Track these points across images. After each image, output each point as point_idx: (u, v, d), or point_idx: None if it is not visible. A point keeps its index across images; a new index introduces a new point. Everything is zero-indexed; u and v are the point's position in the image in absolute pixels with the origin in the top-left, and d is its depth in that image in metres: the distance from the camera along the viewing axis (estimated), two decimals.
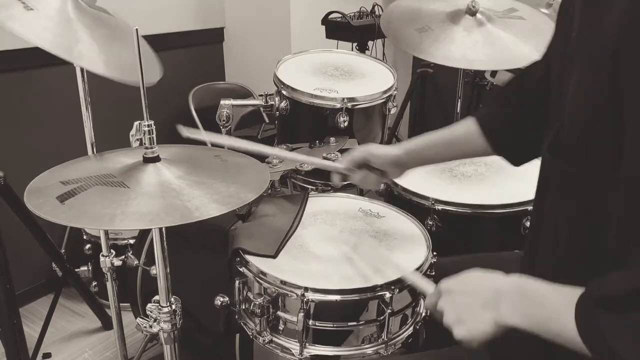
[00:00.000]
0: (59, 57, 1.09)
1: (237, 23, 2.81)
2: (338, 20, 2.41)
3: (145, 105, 0.99)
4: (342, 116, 1.58)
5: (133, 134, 1.15)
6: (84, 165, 1.09)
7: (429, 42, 1.69)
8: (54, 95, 2.12)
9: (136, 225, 0.88)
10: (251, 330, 1.16)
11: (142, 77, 0.97)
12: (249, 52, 2.81)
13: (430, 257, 1.18)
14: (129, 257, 1.53)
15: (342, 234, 1.26)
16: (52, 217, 0.86)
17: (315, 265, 1.14)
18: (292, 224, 1.27)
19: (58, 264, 1.88)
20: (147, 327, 1.11)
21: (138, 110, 0.98)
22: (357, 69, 1.82)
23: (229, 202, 0.95)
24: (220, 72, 2.91)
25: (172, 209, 0.90)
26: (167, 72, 1.30)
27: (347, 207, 1.39)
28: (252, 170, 1.13)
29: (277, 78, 1.67)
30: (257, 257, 1.15)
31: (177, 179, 0.98)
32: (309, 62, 1.82)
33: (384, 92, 1.66)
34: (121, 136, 1.24)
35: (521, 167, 1.63)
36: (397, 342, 1.14)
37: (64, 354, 1.95)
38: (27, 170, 1.08)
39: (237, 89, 2.76)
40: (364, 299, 1.07)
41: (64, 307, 2.18)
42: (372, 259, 1.15)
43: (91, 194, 0.93)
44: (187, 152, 1.16)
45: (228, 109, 1.64)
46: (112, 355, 1.93)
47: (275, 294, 1.10)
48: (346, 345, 1.11)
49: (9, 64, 1.98)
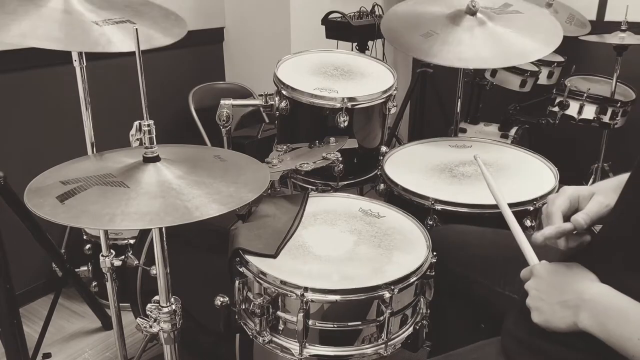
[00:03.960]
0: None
1: (237, 23, 2.81)
2: (338, 20, 2.41)
3: (145, 105, 0.99)
4: (342, 116, 1.58)
5: (133, 134, 1.15)
6: (84, 165, 1.09)
7: (438, 47, 1.68)
8: (54, 95, 2.12)
9: (136, 225, 0.88)
10: (251, 330, 1.16)
11: (142, 77, 0.97)
12: (249, 52, 2.81)
13: (430, 257, 1.18)
14: (129, 257, 1.53)
15: (342, 234, 1.26)
16: (52, 217, 0.86)
17: (315, 265, 1.14)
18: (292, 224, 1.27)
19: (58, 264, 1.88)
20: (147, 327, 1.11)
21: (138, 110, 0.98)
22: (357, 69, 1.82)
23: (229, 202, 0.95)
24: (220, 72, 2.91)
25: (172, 209, 0.90)
26: (167, 72, 1.29)
27: (347, 207, 1.39)
28: (252, 170, 1.13)
29: (277, 78, 1.67)
30: (257, 257, 1.15)
31: (177, 179, 0.98)
32: (309, 62, 1.82)
33: (384, 92, 1.66)
34: (121, 136, 1.24)
35: (521, 167, 1.64)
36: (396, 342, 1.14)
37: (64, 354, 1.95)
38: (27, 170, 1.08)
39: (237, 89, 2.76)
40: (363, 299, 1.07)
41: (64, 307, 2.18)
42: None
43: (91, 194, 0.93)
44: (187, 152, 1.16)
45: (228, 109, 1.64)
46: (112, 355, 1.93)
47: (275, 294, 1.10)
48: (346, 345, 1.11)
49: (9, 64, 1.98)
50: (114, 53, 1.19)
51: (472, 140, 1.86)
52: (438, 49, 1.67)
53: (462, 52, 1.67)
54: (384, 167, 1.62)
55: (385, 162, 1.65)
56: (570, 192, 0.90)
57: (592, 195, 0.89)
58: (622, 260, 0.78)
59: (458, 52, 1.67)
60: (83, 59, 1.34)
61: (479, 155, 1.17)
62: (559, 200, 0.90)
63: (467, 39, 1.69)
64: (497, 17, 1.77)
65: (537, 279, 0.87)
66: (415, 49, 1.71)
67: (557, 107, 2.46)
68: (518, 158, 1.71)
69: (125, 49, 1.19)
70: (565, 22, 2.47)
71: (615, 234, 0.82)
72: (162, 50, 1.34)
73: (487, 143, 1.84)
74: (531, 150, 1.74)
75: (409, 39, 1.73)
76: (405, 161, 1.68)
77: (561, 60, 2.61)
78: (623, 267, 0.77)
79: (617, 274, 0.77)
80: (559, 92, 2.47)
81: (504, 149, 1.79)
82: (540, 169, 1.63)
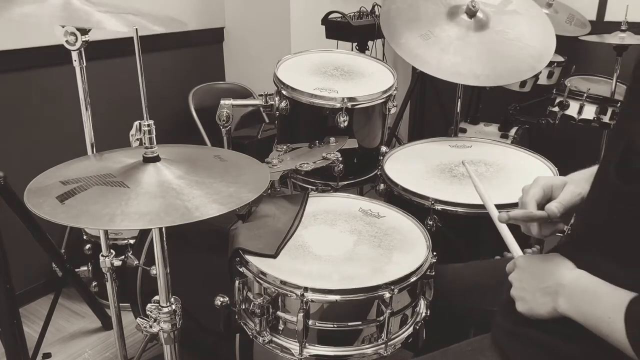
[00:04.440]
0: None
1: (237, 23, 2.81)
2: (338, 20, 2.41)
3: (145, 105, 0.99)
4: (342, 116, 1.58)
5: (133, 134, 1.15)
6: (84, 165, 1.09)
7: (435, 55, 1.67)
8: (54, 95, 2.12)
9: (136, 225, 0.88)
10: (251, 330, 1.16)
11: (142, 77, 0.97)
12: (249, 52, 2.81)
13: (430, 257, 1.18)
14: (129, 257, 1.53)
15: (342, 234, 1.26)
16: (52, 217, 0.86)
17: (315, 265, 1.14)
18: (292, 224, 1.27)
19: (58, 264, 1.88)
20: (147, 327, 1.11)
21: (138, 110, 0.98)
22: (357, 68, 1.82)
23: (229, 202, 0.95)
24: (220, 72, 2.91)
25: (172, 209, 0.90)
26: (167, 72, 1.30)
27: (347, 207, 1.39)
28: (252, 170, 1.12)
29: (277, 78, 1.67)
30: (257, 257, 1.15)
31: (177, 179, 0.98)
32: (309, 62, 1.82)
33: (384, 92, 1.66)
34: (121, 136, 1.24)
35: (521, 167, 1.64)
36: (396, 342, 1.14)
37: (64, 354, 1.95)
38: (27, 170, 1.08)
39: (237, 89, 2.76)
40: (363, 299, 1.07)
41: (64, 307, 2.18)
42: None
43: (91, 194, 0.93)
44: (187, 152, 1.16)
45: (228, 109, 1.64)
46: (112, 355, 1.93)
47: (275, 294, 1.10)
48: (346, 345, 1.11)
49: (9, 64, 1.98)
50: (114, 53, 1.18)
51: (472, 140, 1.85)
52: (434, 57, 1.67)
53: (458, 64, 1.66)
54: (384, 167, 1.62)
55: (385, 162, 1.65)
56: (544, 182, 0.94)
57: (565, 184, 0.93)
58: (597, 248, 0.80)
59: (455, 63, 1.66)
60: (83, 59, 1.34)
61: (466, 161, 1.18)
62: (533, 190, 0.94)
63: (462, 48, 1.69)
64: (496, 19, 1.77)
65: (519, 270, 0.90)
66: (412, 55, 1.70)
67: (557, 107, 2.46)
68: (518, 158, 1.71)
69: (126, 31, 1.18)
70: (565, 22, 2.47)
71: (589, 222, 0.84)
72: (162, 50, 1.35)
73: (487, 143, 1.84)
74: (531, 151, 1.74)
75: (408, 39, 1.72)
76: (405, 161, 1.68)
77: (561, 60, 2.61)
78: (599, 254, 0.79)
79: (596, 262, 0.79)
80: (559, 92, 2.46)
81: (504, 149, 1.79)
82: (540, 169, 1.63)
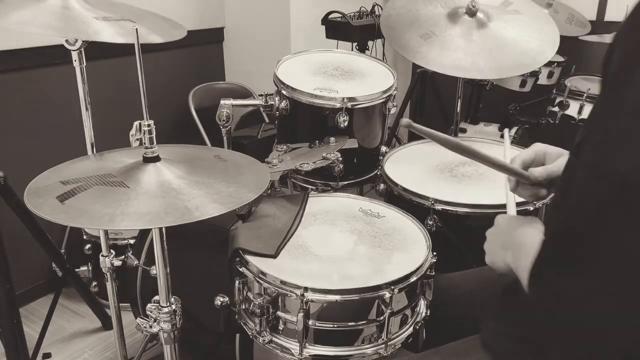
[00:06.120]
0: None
1: (237, 23, 2.81)
2: (338, 20, 2.41)
3: (145, 105, 0.99)
4: (342, 116, 1.58)
5: (133, 134, 1.15)
6: (83, 165, 1.09)
7: (436, 51, 1.67)
8: (54, 95, 2.12)
9: (136, 225, 0.88)
10: (251, 330, 1.16)
11: (142, 77, 0.97)
12: (249, 52, 2.81)
13: (430, 257, 1.18)
14: (129, 257, 1.53)
15: (342, 234, 1.26)
16: (52, 217, 0.86)
17: (315, 265, 1.14)
18: (292, 224, 1.27)
19: (58, 264, 1.88)
20: (147, 327, 1.11)
21: (138, 110, 0.98)
22: (357, 69, 1.82)
23: (229, 202, 0.95)
24: (220, 72, 2.91)
25: (172, 208, 0.90)
26: (167, 72, 1.29)
27: (347, 207, 1.39)
28: (252, 170, 1.13)
29: (277, 78, 1.67)
30: (257, 257, 1.15)
31: (177, 178, 0.99)
32: (309, 62, 1.82)
33: (384, 92, 1.66)
34: (121, 136, 1.24)
35: None
36: (396, 342, 1.14)
37: (64, 354, 1.95)
38: (27, 170, 1.08)
39: (237, 89, 2.76)
40: (363, 299, 1.07)
41: (64, 307, 2.18)
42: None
43: (91, 194, 0.93)
44: (187, 152, 1.16)
45: (228, 109, 1.64)
46: (112, 355, 1.93)
47: (275, 294, 1.10)
48: (346, 345, 1.11)
49: (9, 64, 1.98)
50: (114, 53, 1.19)
51: (472, 140, 1.85)
52: (436, 53, 1.67)
53: (459, 59, 1.66)
54: (384, 167, 1.62)
55: (385, 162, 1.65)
56: (539, 147, 0.96)
57: (561, 156, 0.93)
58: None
59: (456, 59, 1.66)
60: (83, 59, 1.34)
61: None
62: (526, 151, 0.96)
63: (464, 44, 1.68)
64: (497, 19, 1.77)
65: (495, 226, 0.92)
66: (413, 53, 1.70)
67: (557, 107, 2.46)
68: None
69: (123, 41, 1.19)
70: (565, 22, 2.47)
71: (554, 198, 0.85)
72: (162, 50, 1.35)
73: (487, 143, 1.84)
74: None
75: (408, 40, 1.72)
76: (405, 161, 1.68)
77: (561, 60, 2.61)
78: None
79: None
80: (559, 92, 2.46)
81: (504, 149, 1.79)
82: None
